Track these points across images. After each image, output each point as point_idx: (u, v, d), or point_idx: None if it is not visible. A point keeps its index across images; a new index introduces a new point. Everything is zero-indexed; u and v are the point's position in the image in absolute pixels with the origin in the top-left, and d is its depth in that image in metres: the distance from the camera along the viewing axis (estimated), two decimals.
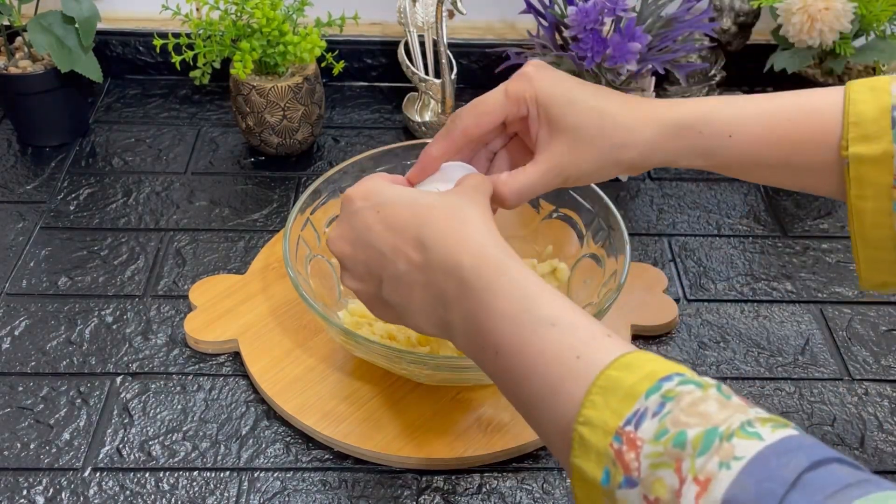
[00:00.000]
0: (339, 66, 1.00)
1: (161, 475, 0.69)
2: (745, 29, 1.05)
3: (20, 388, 0.75)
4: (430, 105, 1.04)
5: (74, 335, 0.80)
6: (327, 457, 0.71)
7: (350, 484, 0.69)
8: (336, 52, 1.02)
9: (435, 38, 1.01)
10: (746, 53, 1.10)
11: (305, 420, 0.72)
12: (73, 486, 0.68)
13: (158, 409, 0.74)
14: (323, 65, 1.01)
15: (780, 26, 0.97)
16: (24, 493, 0.68)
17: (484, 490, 0.69)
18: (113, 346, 0.79)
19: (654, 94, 1.04)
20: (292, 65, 0.98)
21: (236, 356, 0.79)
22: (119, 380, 0.77)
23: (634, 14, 0.89)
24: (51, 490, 0.68)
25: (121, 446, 0.71)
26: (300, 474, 0.70)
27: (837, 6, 0.92)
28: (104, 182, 0.98)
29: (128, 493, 0.68)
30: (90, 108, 1.09)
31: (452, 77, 1.02)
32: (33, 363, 0.78)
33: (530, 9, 0.94)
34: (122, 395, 0.75)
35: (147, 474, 0.69)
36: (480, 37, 1.13)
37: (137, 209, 0.94)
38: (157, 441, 0.72)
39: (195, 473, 0.70)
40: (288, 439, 0.72)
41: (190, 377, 0.77)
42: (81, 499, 0.68)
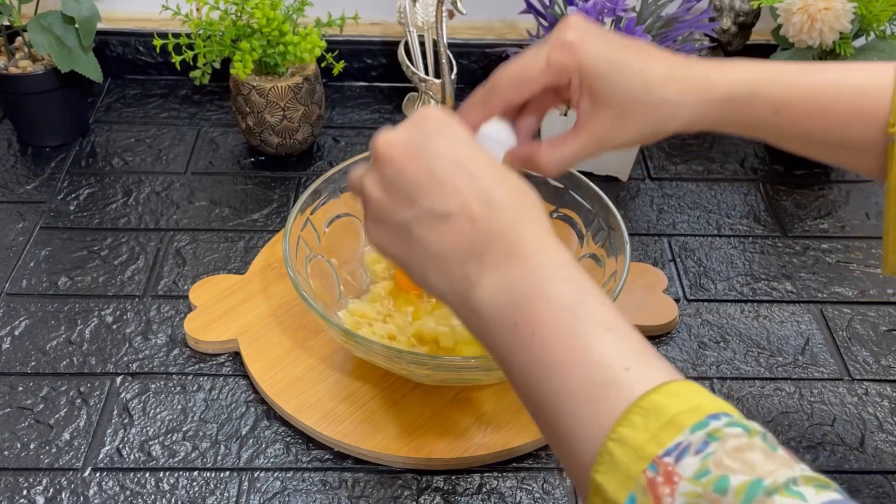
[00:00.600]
0: (339, 66, 1.00)
1: (161, 475, 0.69)
2: (745, 29, 1.05)
3: (20, 388, 0.75)
4: (430, 105, 1.04)
5: (74, 335, 0.80)
6: (327, 457, 0.71)
7: (350, 484, 0.69)
8: (336, 52, 1.02)
9: (435, 38, 1.01)
10: (746, 53, 1.10)
11: (305, 420, 0.72)
12: (73, 486, 0.68)
13: (158, 409, 0.74)
14: (323, 65, 1.01)
15: (780, 26, 0.97)
16: (24, 493, 0.68)
17: (484, 490, 0.69)
18: (113, 346, 0.79)
19: None
20: (292, 65, 0.98)
21: (236, 356, 0.79)
22: (119, 380, 0.77)
23: (634, 14, 0.89)
24: (51, 490, 0.68)
25: (121, 446, 0.71)
26: (300, 474, 0.70)
27: (837, 6, 0.92)
28: (104, 182, 0.98)
29: (128, 493, 0.68)
30: (90, 108, 1.09)
31: (452, 77, 1.02)
32: (33, 363, 0.78)
33: (530, 9, 0.94)
34: (122, 395, 0.75)
35: (147, 474, 0.69)
36: (480, 37, 1.13)
37: (137, 209, 0.94)
38: (157, 441, 0.72)
39: (195, 473, 0.70)
40: (288, 439, 0.72)
41: (190, 377, 0.77)
42: (81, 499, 0.68)
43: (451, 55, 1.04)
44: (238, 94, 0.97)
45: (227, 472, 0.70)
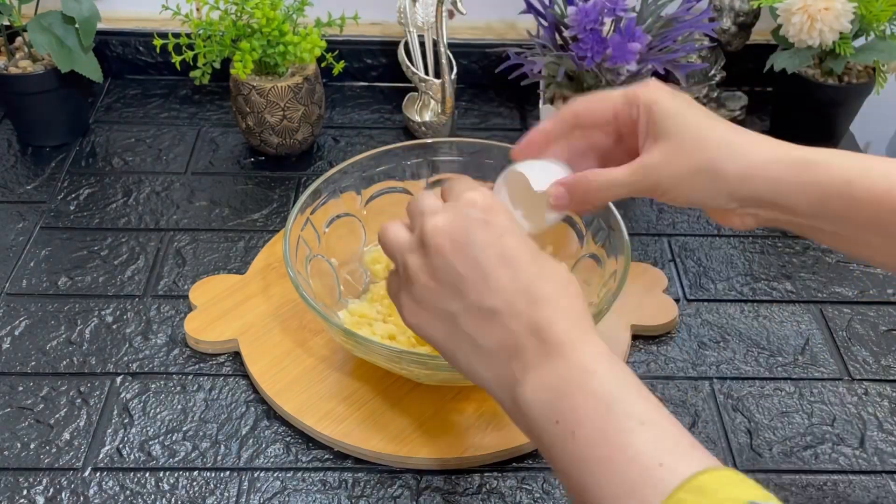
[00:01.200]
0: (339, 66, 1.00)
1: (161, 475, 0.69)
2: (745, 29, 1.05)
3: (20, 388, 0.75)
4: (430, 105, 1.04)
5: (74, 335, 0.80)
6: (327, 457, 0.71)
7: (350, 484, 0.69)
8: (336, 52, 1.02)
9: (435, 38, 1.01)
10: (746, 53, 1.10)
11: (305, 420, 0.72)
12: (73, 486, 0.68)
13: (158, 409, 0.74)
14: (323, 65, 1.01)
15: (780, 26, 0.97)
16: (24, 493, 0.68)
17: (484, 490, 0.69)
18: (113, 346, 0.79)
19: None
20: (292, 65, 0.98)
21: (236, 356, 0.79)
22: (119, 380, 0.77)
23: (634, 14, 0.89)
24: (51, 490, 0.68)
25: (121, 446, 0.71)
26: (300, 474, 0.70)
27: (837, 6, 0.92)
28: (104, 182, 0.98)
29: (128, 493, 0.68)
30: (90, 108, 1.09)
31: (452, 77, 1.02)
32: (33, 363, 0.78)
33: (530, 9, 0.94)
34: (122, 395, 0.75)
35: (147, 474, 0.69)
36: (480, 37, 1.13)
37: (137, 209, 0.94)
38: (157, 441, 0.72)
39: (195, 473, 0.70)
40: (288, 439, 0.72)
41: (190, 377, 0.77)
42: (81, 499, 0.68)
43: (451, 55, 1.04)
44: (238, 94, 0.97)
45: (227, 472, 0.70)
